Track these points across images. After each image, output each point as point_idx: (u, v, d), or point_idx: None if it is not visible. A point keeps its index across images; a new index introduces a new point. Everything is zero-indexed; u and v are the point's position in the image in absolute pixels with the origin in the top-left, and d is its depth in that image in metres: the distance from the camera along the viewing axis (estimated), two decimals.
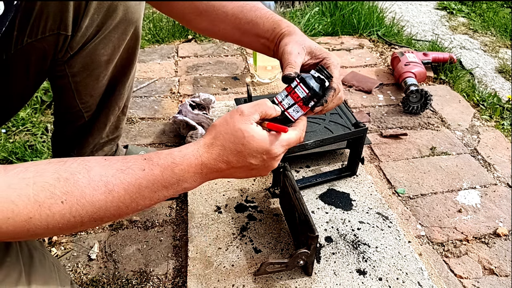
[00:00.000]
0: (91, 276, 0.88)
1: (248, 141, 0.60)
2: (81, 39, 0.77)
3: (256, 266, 0.86)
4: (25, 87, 0.83)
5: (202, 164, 0.59)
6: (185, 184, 0.59)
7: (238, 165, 0.61)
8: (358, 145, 1.05)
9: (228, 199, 1.03)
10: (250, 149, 0.61)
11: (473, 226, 1.04)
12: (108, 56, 0.82)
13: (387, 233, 0.95)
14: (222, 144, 0.60)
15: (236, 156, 0.61)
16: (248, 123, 0.61)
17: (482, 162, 1.25)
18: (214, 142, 0.60)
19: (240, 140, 0.60)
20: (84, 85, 0.84)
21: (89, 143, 0.94)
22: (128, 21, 0.80)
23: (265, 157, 0.62)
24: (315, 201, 1.03)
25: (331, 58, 0.79)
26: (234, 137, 0.60)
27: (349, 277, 0.85)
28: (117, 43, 0.81)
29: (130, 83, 0.92)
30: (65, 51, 0.78)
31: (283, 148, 0.64)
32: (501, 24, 2.33)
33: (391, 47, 1.90)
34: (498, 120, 1.46)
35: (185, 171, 0.58)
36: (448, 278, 0.91)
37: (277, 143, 0.63)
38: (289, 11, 2.18)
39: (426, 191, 1.14)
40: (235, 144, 0.60)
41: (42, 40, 0.74)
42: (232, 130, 0.60)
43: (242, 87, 1.53)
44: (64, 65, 0.80)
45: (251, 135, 0.61)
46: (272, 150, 0.62)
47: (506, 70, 1.88)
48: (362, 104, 1.49)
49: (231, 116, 0.62)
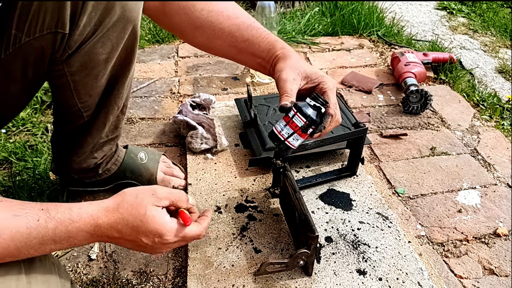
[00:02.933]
0: (91, 276, 0.88)
1: (146, 220, 0.63)
2: (79, 37, 0.76)
3: (256, 266, 0.86)
4: (23, 88, 0.83)
5: (97, 226, 0.61)
6: (75, 241, 0.60)
7: (130, 238, 0.63)
8: (358, 145, 1.05)
9: (228, 199, 1.03)
10: (146, 228, 0.63)
11: (473, 226, 1.04)
12: (106, 55, 0.82)
13: (387, 233, 0.95)
14: (122, 213, 0.62)
15: (130, 229, 0.62)
16: (154, 204, 0.64)
17: (482, 162, 1.25)
18: (116, 209, 0.62)
19: (140, 216, 0.62)
20: (83, 85, 0.84)
21: (89, 143, 0.94)
22: (126, 19, 0.79)
23: (156, 240, 0.64)
24: (315, 201, 1.03)
25: (327, 82, 0.80)
26: (137, 211, 0.62)
27: (349, 277, 0.85)
28: (115, 41, 0.81)
29: (129, 82, 0.92)
30: (63, 50, 0.77)
31: (177, 238, 0.66)
32: (501, 24, 2.33)
33: (391, 47, 1.90)
34: (498, 120, 1.46)
35: (79, 229, 0.59)
36: (448, 278, 0.91)
37: (172, 232, 0.65)
38: (289, 11, 2.18)
39: (426, 191, 1.14)
40: (134, 218, 0.62)
41: (40, 38, 0.73)
42: (138, 204, 0.63)
43: (242, 87, 1.53)
44: (63, 64, 0.80)
45: (152, 215, 0.63)
46: (165, 236, 0.64)
47: (506, 70, 1.88)
48: (362, 104, 1.49)
49: (142, 192, 0.64)
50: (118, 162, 1.02)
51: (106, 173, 1.01)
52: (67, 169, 0.99)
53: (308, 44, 1.89)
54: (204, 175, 1.10)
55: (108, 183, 1.04)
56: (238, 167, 1.13)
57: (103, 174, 1.01)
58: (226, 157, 1.17)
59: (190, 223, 0.68)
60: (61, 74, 0.81)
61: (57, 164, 1.02)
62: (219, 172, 1.11)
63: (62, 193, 1.05)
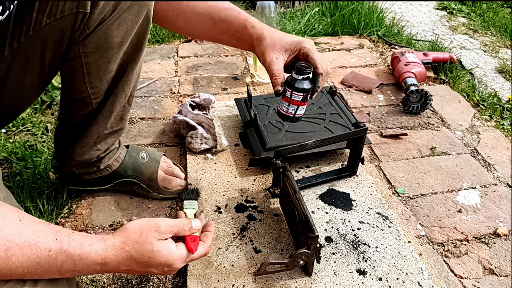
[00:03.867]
0: (91, 276, 0.88)
1: (154, 255, 0.64)
2: (98, 17, 0.78)
3: (256, 266, 0.86)
4: (38, 77, 0.83)
5: (105, 264, 0.61)
6: (80, 273, 0.61)
7: (138, 270, 0.65)
8: (358, 145, 1.05)
9: (228, 199, 1.03)
10: (155, 261, 0.65)
11: (473, 226, 1.04)
12: (121, 38, 0.83)
13: (387, 233, 0.95)
14: (129, 251, 0.63)
15: (139, 265, 0.64)
16: (159, 239, 0.66)
17: (482, 162, 1.25)
18: (123, 248, 0.63)
19: (148, 253, 0.64)
20: (95, 68, 0.85)
21: (93, 133, 0.94)
22: (141, 2, 0.81)
23: (166, 269, 0.67)
24: (315, 201, 1.03)
25: (305, 45, 0.87)
26: (143, 248, 0.64)
27: (349, 277, 0.85)
28: (130, 25, 0.83)
29: (138, 69, 0.93)
30: (82, 30, 0.78)
31: (184, 263, 0.69)
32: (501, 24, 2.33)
33: (391, 47, 1.90)
34: (498, 120, 1.46)
35: (85, 265, 0.60)
36: (448, 278, 0.91)
37: (180, 259, 0.68)
38: (289, 11, 2.18)
39: (426, 191, 1.14)
40: (142, 255, 0.63)
41: (61, 19, 0.74)
42: (143, 242, 0.64)
43: (242, 87, 1.53)
44: (79, 45, 0.81)
45: (159, 250, 0.65)
46: (174, 265, 0.67)
47: (506, 70, 1.88)
48: (362, 104, 1.49)
49: (147, 228, 0.65)
50: (120, 159, 1.02)
51: (108, 169, 1.01)
52: (69, 162, 0.99)
53: None
54: (204, 175, 1.10)
55: (108, 181, 1.04)
56: (238, 167, 1.13)
57: (104, 170, 1.01)
58: (226, 157, 1.17)
59: (196, 249, 0.70)
60: (75, 56, 0.82)
61: (59, 158, 1.02)
62: (219, 172, 1.11)
63: (62, 193, 1.05)
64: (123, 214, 1.02)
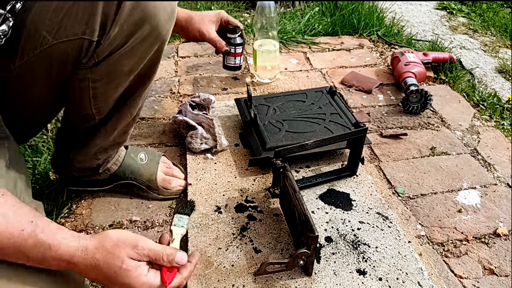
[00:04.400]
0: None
1: (121, 273, 0.61)
2: (108, 47, 0.77)
3: (256, 266, 0.86)
4: (48, 92, 0.83)
5: (70, 263, 0.60)
6: (46, 264, 0.59)
7: (103, 282, 0.63)
8: (358, 145, 1.05)
9: (228, 199, 1.03)
10: (120, 280, 0.62)
11: (473, 226, 1.04)
12: (131, 67, 0.83)
13: (387, 233, 0.95)
14: (98, 260, 0.61)
15: (103, 277, 0.62)
16: (132, 258, 0.63)
17: (482, 162, 1.25)
18: (94, 254, 0.61)
19: (115, 268, 0.61)
20: (102, 92, 0.85)
21: (96, 144, 0.94)
22: (156, 36, 0.80)
23: None
24: (315, 201, 1.03)
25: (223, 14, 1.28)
26: (113, 261, 0.61)
27: (349, 277, 0.85)
28: (141, 55, 0.82)
29: (146, 93, 0.93)
30: (90, 57, 0.78)
31: None
32: (501, 24, 2.33)
33: (391, 47, 1.90)
34: (498, 120, 1.46)
35: (53, 258, 0.58)
36: (448, 278, 0.91)
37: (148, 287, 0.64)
38: (289, 11, 2.18)
39: (426, 191, 1.14)
40: (109, 268, 0.61)
41: (67, 42, 0.73)
42: (116, 255, 0.61)
43: (242, 87, 1.53)
44: (88, 71, 0.80)
45: (128, 269, 0.62)
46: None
47: (506, 70, 1.88)
48: (362, 104, 1.49)
49: (124, 241, 0.63)
50: (118, 162, 1.02)
51: (106, 172, 1.01)
52: (68, 167, 0.99)
53: (308, 44, 1.89)
54: (204, 175, 1.10)
55: (107, 183, 1.04)
56: (238, 167, 1.13)
57: (102, 173, 1.01)
58: (226, 157, 1.17)
59: (171, 281, 0.66)
60: (83, 78, 0.82)
61: (59, 160, 1.02)
62: (219, 172, 1.11)
63: (62, 193, 1.05)
64: (123, 214, 1.02)
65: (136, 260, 0.63)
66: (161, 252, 0.65)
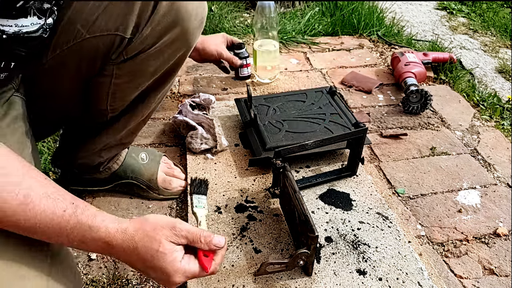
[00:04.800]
0: (91, 276, 0.88)
1: (157, 256, 0.61)
2: (139, 46, 0.78)
3: (256, 266, 0.86)
4: (77, 82, 0.84)
5: (109, 245, 0.60)
6: (84, 246, 0.59)
7: (137, 267, 0.63)
8: (358, 145, 1.05)
9: (228, 199, 1.03)
10: (155, 264, 0.61)
11: (473, 226, 1.04)
12: (155, 68, 0.84)
13: (387, 233, 0.95)
14: (137, 243, 0.61)
15: (140, 260, 0.62)
16: (170, 240, 0.63)
17: (482, 162, 1.25)
18: (133, 237, 0.61)
19: (152, 251, 0.61)
20: (122, 90, 0.86)
21: (102, 142, 0.94)
22: (184, 41, 0.82)
23: (163, 277, 0.63)
24: (315, 201, 1.03)
25: (226, 35, 1.44)
26: (150, 244, 0.61)
27: (349, 277, 0.85)
28: (167, 58, 0.83)
29: (161, 96, 0.94)
30: (119, 54, 0.79)
31: (185, 279, 0.65)
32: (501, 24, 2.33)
33: (391, 47, 1.90)
34: (498, 120, 1.46)
35: (92, 239, 0.59)
36: (448, 278, 0.91)
37: (181, 273, 0.63)
38: (289, 11, 2.18)
39: (426, 191, 1.14)
40: (146, 251, 0.61)
41: (99, 37, 0.75)
42: (153, 238, 0.61)
43: (242, 87, 1.53)
44: (114, 66, 0.81)
45: (165, 253, 0.61)
46: (172, 277, 0.63)
47: (506, 70, 1.88)
48: (362, 104, 1.49)
49: (162, 225, 0.63)
50: (119, 161, 1.02)
51: (107, 171, 1.01)
52: (69, 162, 0.99)
53: (308, 44, 1.89)
54: (204, 175, 1.10)
55: (108, 182, 1.04)
56: (238, 167, 1.13)
57: (103, 172, 1.01)
58: (226, 157, 1.17)
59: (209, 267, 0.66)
60: (108, 74, 0.83)
61: (60, 155, 1.02)
62: (219, 172, 1.11)
63: None
64: (123, 214, 1.02)
65: (174, 243, 0.63)
66: (199, 234, 0.65)
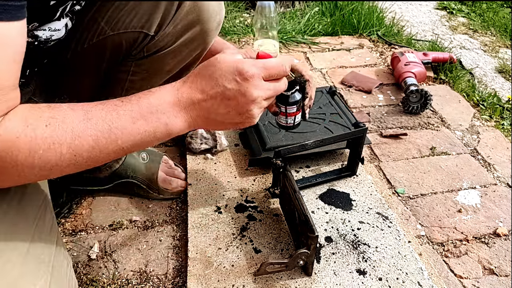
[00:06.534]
0: (91, 276, 0.88)
1: (219, 61, 0.59)
2: (160, 43, 0.80)
3: (256, 266, 0.86)
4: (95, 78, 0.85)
5: (178, 92, 0.58)
6: (164, 117, 0.57)
7: (213, 91, 0.59)
8: (358, 145, 1.05)
9: (228, 199, 1.03)
10: (221, 69, 0.59)
11: (473, 226, 1.04)
12: (171, 66, 0.85)
13: (387, 233, 0.95)
14: (196, 72, 0.60)
15: (208, 79, 0.59)
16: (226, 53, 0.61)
17: (482, 162, 1.25)
18: (190, 74, 0.60)
19: (212, 62, 0.60)
20: (136, 87, 0.86)
21: None
22: (202, 40, 0.83)
23: (238, 79, 0.58)
24: (315, 201, 1.03)
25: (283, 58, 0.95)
26: (208, 62, 0.60)
27: (349, 277, 0.85)
28: (184, 57, 0.85)
29: None
30: (140, 50, 0.80)
31: (258, 69, 0.60)
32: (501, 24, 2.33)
33: (391, 47, 1.90)
34: (498, 120, 1.46)
35: (161, 99, 0.57)
36: (448, 278, 0.91)
37: (249, 62, 0.59)
38: (289, 11, 2.18)
39: (426, 191, 1.14)
40: (207, 68, 0.59)
41: (122, 34, 0.76)
42: (209, 60, 0.60)
43: None
44: (133, 63, 0.82)
45: (223, 57, 0.60)
46: (243, 69, 0.58)
47: (506, 70, 1.88)
48: (362, 104, 1.49)
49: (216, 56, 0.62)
50: (120, 160, 1.02)
51: (107, 169, 1.01)
52: None
53: (308, 44, 1.89)
54: (204, 175, 1.10)
55: (108, 182, 1.04)
56: (238, 167, 1.13)
57: (104, 170, 1.01)
58: (226, 157, 1.17)
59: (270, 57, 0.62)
60: (125, 70, 0.84)
61: None
62: (219, 172, 1.11)
63: (62, 192, 1.05)
64: (123, 214, 1.02)
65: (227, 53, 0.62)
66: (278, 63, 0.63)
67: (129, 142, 0.55)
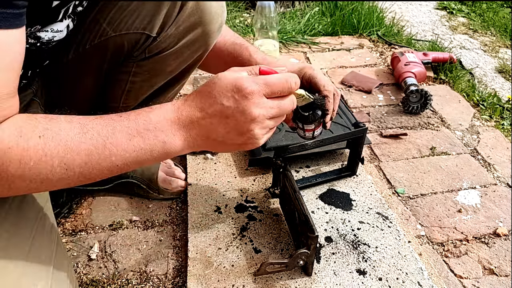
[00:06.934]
0: (91, 276, 0.88)
1: (219, 79, 0.57)
2: (162, 45, 0.80)
3: (256, 266, 0.86)
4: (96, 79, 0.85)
5: (178, 110, 0.57)
6: (162, 135, 0.56)
7: (211, 109, 0.57)
8: (358, 145, 1.05)
9: (228, 199, 1.03)
10: (220, 86, 0.57)
11: (473, 226, 1.04)
12: (173, 68, 0.85)
13: (387, 233, 0.95)
14: (198, 90, 0.59)
15: (207, 97, 0.57)
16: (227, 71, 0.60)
17: (482, 162, 1.25)
18: (192, 92, 0.60)
19: (212, 80, 0.58)
20: (137, 88, 0.87)
21: None
22: (203, 42, 0.83)
23: (236, 96, 0.56)
24: (315, 201, 1.03)
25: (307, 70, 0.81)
26: (210, 79, 0.59)
27: (349, 277, 0.85)
28: (185, 59, 0.85)
29: (171, 95, 0.94)
30: (142, 52, 0.80)
31: (258, 86, 0.57)
32: (501, 24, 2.33)
33: (391, 47, 1.90)
34: (498, 120, 1.46)
35: (160, 116, 0.56)
36: (448, 278, 0.91)
37: (249, 79, 0.57)
38: (289, 11, 2.18)
39: (426, 191, 1.14)
40: (207, 86, 0.58)
41: (124, 35, 0.76)
42: (211, 78, 0.59)
43: None
44: (134, 64, 0.82)
45: (224, 74, 0.58)
46: (242, 86, 0.56)
47: (506, 70, 1.88)
48: (362, 104, 1.49)
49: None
50: None
51: None
52: None
53: (308, 44, 1.89)
54: (204, 175, 1.10)
55: (108, 181, 1.04)
56: (238, 167, 1.13)
57: None
58: (226, 157, 1.16)
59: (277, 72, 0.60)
60: (126, 71, 0.84)
61: None
62: (219, 172, 1.11)
63: (62, 192, 1.05)
64: (123, 214, 1.02)
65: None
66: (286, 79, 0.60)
67: (123, 160, 0.54)
